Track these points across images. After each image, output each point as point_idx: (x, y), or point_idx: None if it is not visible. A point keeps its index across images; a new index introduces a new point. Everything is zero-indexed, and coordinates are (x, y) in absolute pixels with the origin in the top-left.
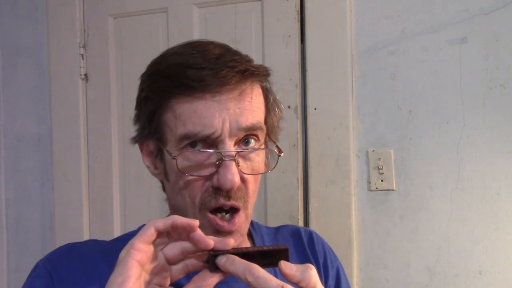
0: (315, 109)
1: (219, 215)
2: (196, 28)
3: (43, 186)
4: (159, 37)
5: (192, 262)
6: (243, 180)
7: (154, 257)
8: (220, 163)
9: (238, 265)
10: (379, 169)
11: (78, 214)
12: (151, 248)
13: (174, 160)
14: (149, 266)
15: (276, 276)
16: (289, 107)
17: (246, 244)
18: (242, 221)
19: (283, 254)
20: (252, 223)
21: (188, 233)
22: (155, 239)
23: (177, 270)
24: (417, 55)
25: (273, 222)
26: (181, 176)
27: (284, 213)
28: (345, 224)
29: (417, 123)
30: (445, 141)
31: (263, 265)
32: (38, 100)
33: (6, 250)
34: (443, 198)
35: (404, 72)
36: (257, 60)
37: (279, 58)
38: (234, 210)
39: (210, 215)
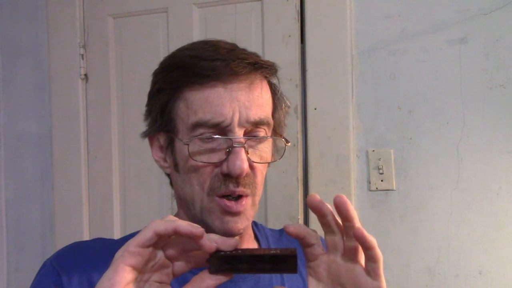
0: (315, 109)
1: (228, 197)
2: (196, 28)
3: (43, 186)
4: (159, 37)
5: (195, 259)
6: (252, 167)
7: (153, 255)
8: (230, 150)
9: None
10: (379, 169)
11: (78, 214)
12: (148, 250)
13: (186, 146)
14: (147, 265)
15: (284, 283)
16: (289, 107)
17: (252, 244)
18: (249, 205)
19: (291, 261)
20: (256, 224)
21: (191, 239)
22: (153, 243)
23: (180, 266)
24: (417, 55)
25: (273, 222)
26: (192, 163)
27: (284, 213)
28: None
29: (417, 123)
30: (445, 141)
31: (268, 271)
32: (38, 100)
33: (6, 250)
34: (443, 198)
35: (404, 72)
36: None
37: (279, 58)
38: (240, 196)
39: (218, 198)
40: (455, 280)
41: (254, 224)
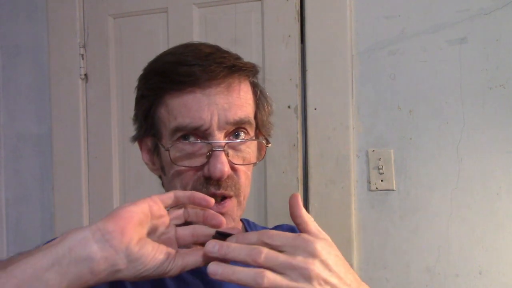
0: (315, 109)
1: None
2: (196, 28)
3: (43, 186)
4: (159, 37)
5: (200, 236)
6: (234, 170)
7: (168, 224)
8: (210, 154)
9: (251, 236)
10: (379, 169)
11: (78, 214)
12: (165, 211)
13: (167, 152)
14: (160, 228)
15: None
16: (289, 107)
17: None
18: (233, 206)
19: None
20: (248, 223)
21: (203, 207)
22: (171, 203)
23: (185, 236)
24: (417, 55)
25: (273, 222)
26: (174, 167)
27: (284, 213)
28: (345, 224)
29: (417, 123)
30: (445, 141)
31: None
32: (38, 100)
33: (6, 250)
34: (443, 198)
35: (404, 72)
36: (257, 60)
37: (279, 58)
38: (225, 198)
39: None
40: (455, 280)
41: (246, 223)
